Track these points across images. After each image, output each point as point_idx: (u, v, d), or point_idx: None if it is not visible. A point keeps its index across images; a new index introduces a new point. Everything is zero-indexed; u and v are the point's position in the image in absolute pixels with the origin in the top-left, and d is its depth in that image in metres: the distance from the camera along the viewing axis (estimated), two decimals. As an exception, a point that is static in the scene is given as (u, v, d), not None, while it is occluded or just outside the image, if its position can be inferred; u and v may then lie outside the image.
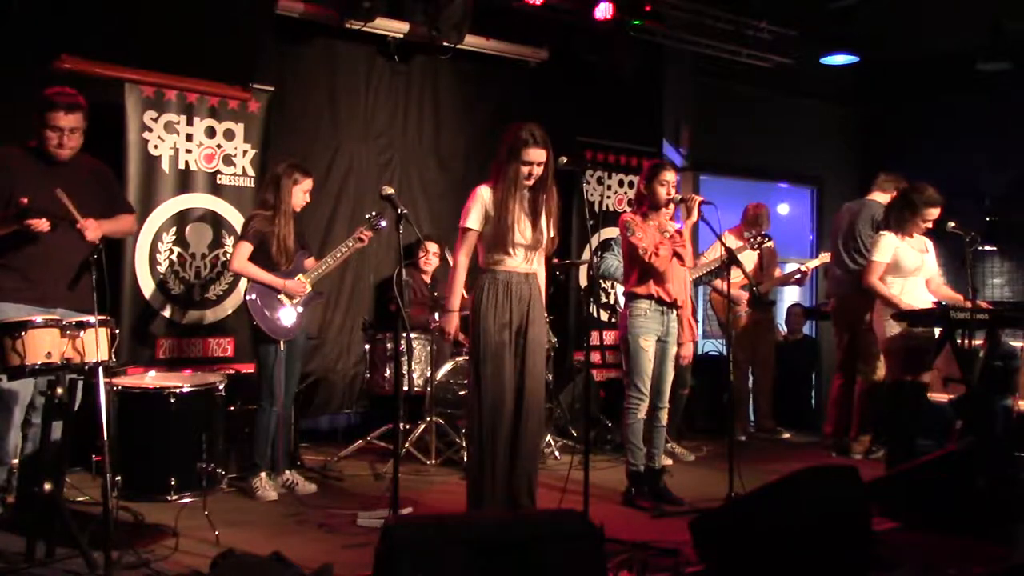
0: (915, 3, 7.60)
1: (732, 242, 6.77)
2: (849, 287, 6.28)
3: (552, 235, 4.36)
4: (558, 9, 7.01)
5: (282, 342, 4.91)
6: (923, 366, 5.42)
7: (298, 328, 5.01)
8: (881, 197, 6.35)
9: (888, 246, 5.50)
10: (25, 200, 3.94)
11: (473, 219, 4.20)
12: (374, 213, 5.27)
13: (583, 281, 7.31)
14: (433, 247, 6.47)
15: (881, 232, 5.58)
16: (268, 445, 4.93)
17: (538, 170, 4.19)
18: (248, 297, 4.92)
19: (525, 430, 4.19)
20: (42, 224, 4.02)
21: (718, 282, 6.65)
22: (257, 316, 4.88)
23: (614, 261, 5.95)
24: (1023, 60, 7.76)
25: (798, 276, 7.12)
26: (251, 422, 4.99)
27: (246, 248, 4.92)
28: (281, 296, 4.96)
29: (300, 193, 5.01)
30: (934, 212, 5.55)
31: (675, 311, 4.94)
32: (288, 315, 4.96)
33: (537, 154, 4.16)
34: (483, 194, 4.21)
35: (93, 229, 4.14)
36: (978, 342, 5.68)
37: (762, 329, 7.09)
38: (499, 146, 4.24)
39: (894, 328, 5.42)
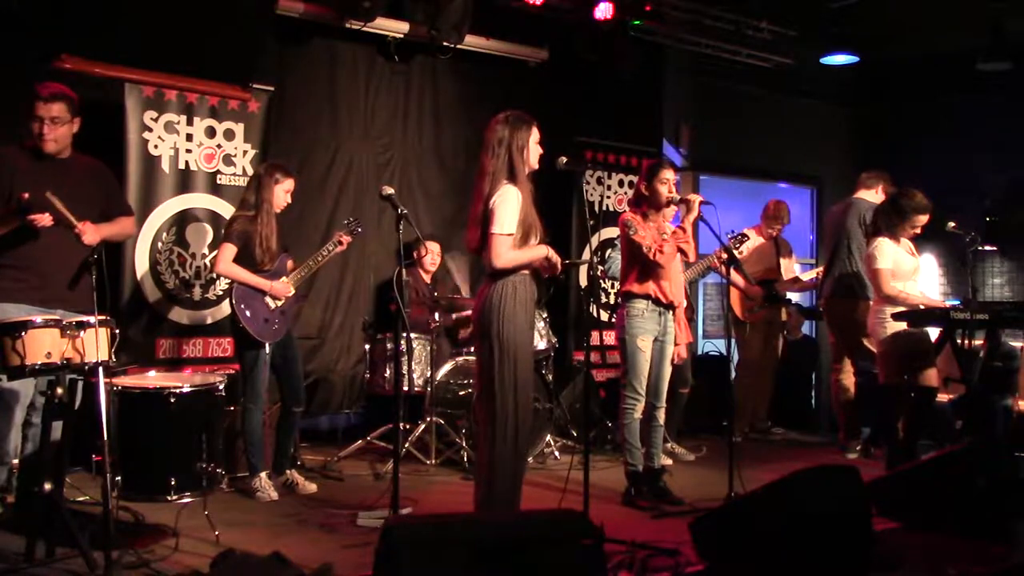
0: (915, 3, 7.59)
1: (754, 239, 6.84)
2: (837, 288, 6.29)
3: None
4: (558, 9, 7.01)
5: (267, 344, 4.91)
6: (920, 366, 5.42)
7: (283, 330, 5.00)
8: (867, 195, 6.37)
9: (888, 252, 5.49)
10: (26, 195, 3.94)
11: (515, 221, 3.91)
12: (351, 219, 5.33)
13: (583, 281, 7.32)
14: (434, 246, 6.47)
15: (878, 239, 5.57)
16: (263, 446, 4.93)
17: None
18: (233, 300, 4.91)
19: None
20: (44, 219, 4.02)
21: (738, 278, 6.56)
22: (242, 319, 4.86)
23: (620, 259, 5.97)
24: (1023, 60, 7.75)
25: (815, 280, 7.13)
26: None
27: (230, 250, 4.89)
28: (267, 298, 4.95)
29: (281, 193, 5.00)
30: (923, 218, 5.55)
31: (672, 311, 4.94)
32: (273, 317, 4.95)
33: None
34: (517, 195, 3.94)
35: (90, 233, 4.14)
36: (978, 342, 5.68)
37: (774, 328, 7.11)
38: (509, 137, 3.98)
39: (892, 328, 5.42)
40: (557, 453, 5.99)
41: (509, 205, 3.91)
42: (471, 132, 7.05)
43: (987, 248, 8.15)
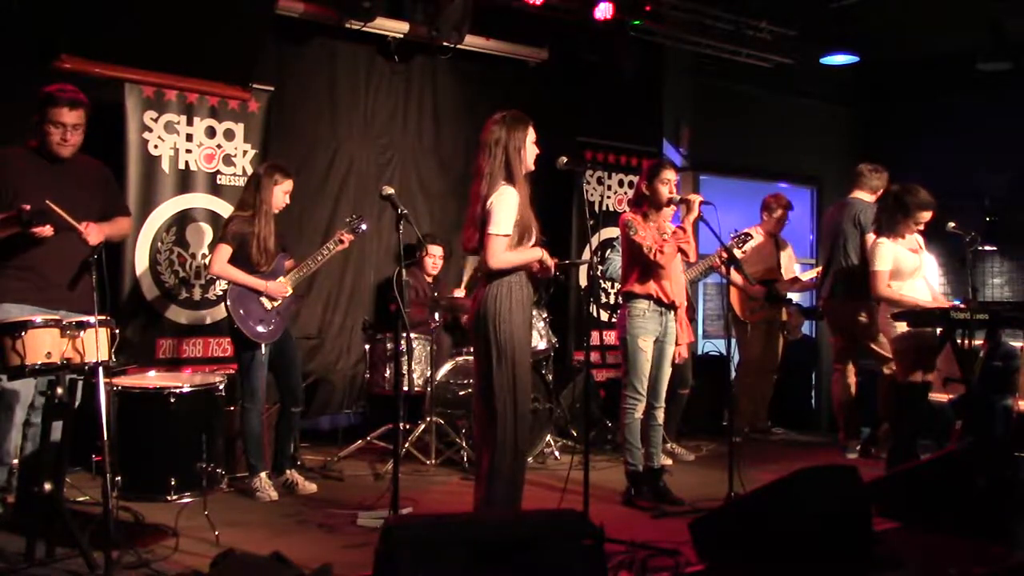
0: (915, 3, 7.59)
1: (757, 238, 6.84)
2: (837, 288, 6.28)
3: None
4: (558, 9, 7.01)
5: (263, 345, 4.90)
6: (932, 364, 5.42)
7: (279, 331, 4.99)
8: (863, 195, 6.33)
9: (887, 254, 5.48)
10: (27, 207, 3.94)
11: (512, 222, 3.91)
12: (354, 216, 5.31)
13: (583, 281, 7.32)
14: (436, 250, 6.46)
15: (878, 240, 5.57)
16: (262, 446, 4.93)
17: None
18: (228, 301, 4.90)
19: None
20: (46, 231, 4.04)
21: (738, 278, 6.50)
22: (238, 320, 4.85)
23: (618, 260, 5.96)
24: (1023, 60, 7.75)
25: (814, 280, 7.14)
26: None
27: (226, 250, 4.88)
28: (263, 299, 4.94)
29: (280, 194, 5.00)
30: (926, 215, 5.54)
31: (673, 312, 4.94)
32: (269, 318, 4.94)
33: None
34: (514, 195, 3.94)
35: (95, 234, 4.14)
36: (978, 342, 5.68)
37: (774, 328, 7.11)
38: (506, 137, 3.97)
39: (900, 327, 5.42)
40: (557, 453, 5.99)
41: (506, 206, 3.92)
42: (471, 132, 7.03)
43: (987, 248, 8.15)
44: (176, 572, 3.57)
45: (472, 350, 4.33)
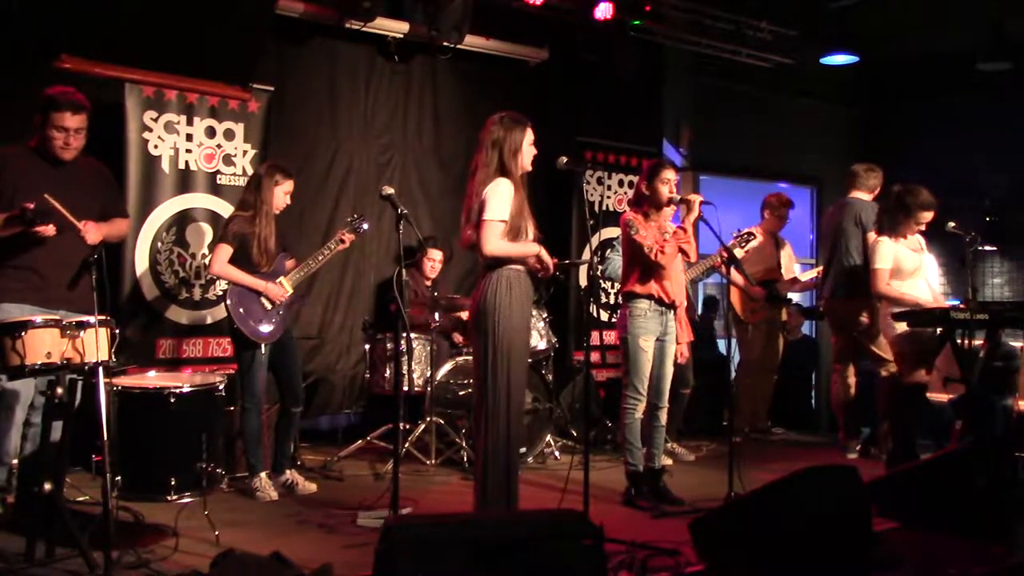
0: (915, 3, 7.60)
1: (759, 237, 6.83)
2: (839, 288, 6.28)
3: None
4: (558, 9, 7.02)
5: (263, 345, 4.90)
6: (932, 364, 5.43)
7: (279, 331, 4.98)
8: (861, 195, 6.33)
9: (887, 252, 5.49)
10: (30, 206, 3.94)
11: (507, 210, 3.93)
12: (355, 216, 5.31)
13: (583, 281, 7.32)
14: (436, 254, 6.45)
15: (879, 238, 5.57)
16: (261, 446, 4.92)
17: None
18: (228, 300, 4.89)
19: None
20: (49, 230, 4.04)
21: (738, 278, 6.41)
22: (238, 320, 4.85)
23: (618, 260, 5.96)
24: (1023, 60, 7.76)
25: (815, 280, 7.14)
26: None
27: (226, 251, 4.88)
28: (263, 299, 4.94)
29: (281, 194, 4.99)
30: (928, 215, 5.54)
31: (673, 311, 4.94)
32: (269, 318, 4.94)
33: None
34: (509, 186, 3.97)
35: (94, 232, 4.15)
36: (978, 342, 5.68)
37: (775, 328, 7.11)
38: (503, 138, 4.01)
39: (900, 328, 5.42)
40: (557, 453, 5.99)
41: (500, 194, 3.95)
42: (471, 132, 6.99)
43: (987, 248, 8.16)
44: (176, 572, 3.56)
45: (471, 346, 4.33)
